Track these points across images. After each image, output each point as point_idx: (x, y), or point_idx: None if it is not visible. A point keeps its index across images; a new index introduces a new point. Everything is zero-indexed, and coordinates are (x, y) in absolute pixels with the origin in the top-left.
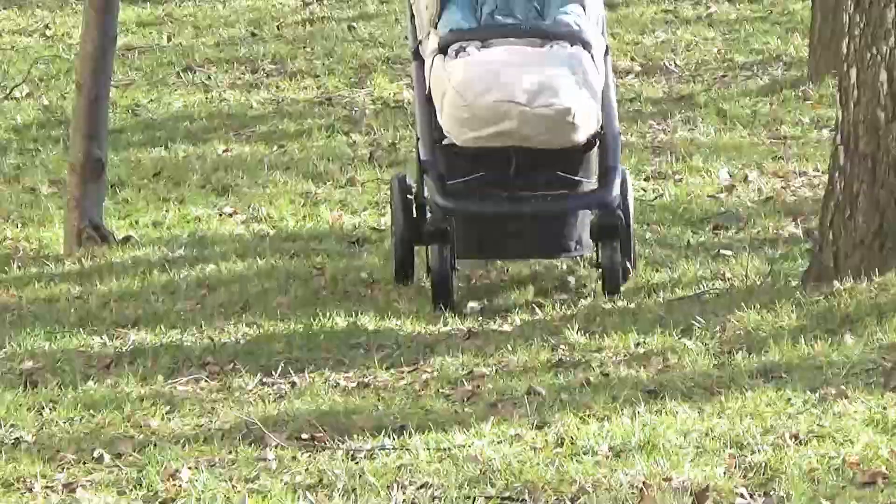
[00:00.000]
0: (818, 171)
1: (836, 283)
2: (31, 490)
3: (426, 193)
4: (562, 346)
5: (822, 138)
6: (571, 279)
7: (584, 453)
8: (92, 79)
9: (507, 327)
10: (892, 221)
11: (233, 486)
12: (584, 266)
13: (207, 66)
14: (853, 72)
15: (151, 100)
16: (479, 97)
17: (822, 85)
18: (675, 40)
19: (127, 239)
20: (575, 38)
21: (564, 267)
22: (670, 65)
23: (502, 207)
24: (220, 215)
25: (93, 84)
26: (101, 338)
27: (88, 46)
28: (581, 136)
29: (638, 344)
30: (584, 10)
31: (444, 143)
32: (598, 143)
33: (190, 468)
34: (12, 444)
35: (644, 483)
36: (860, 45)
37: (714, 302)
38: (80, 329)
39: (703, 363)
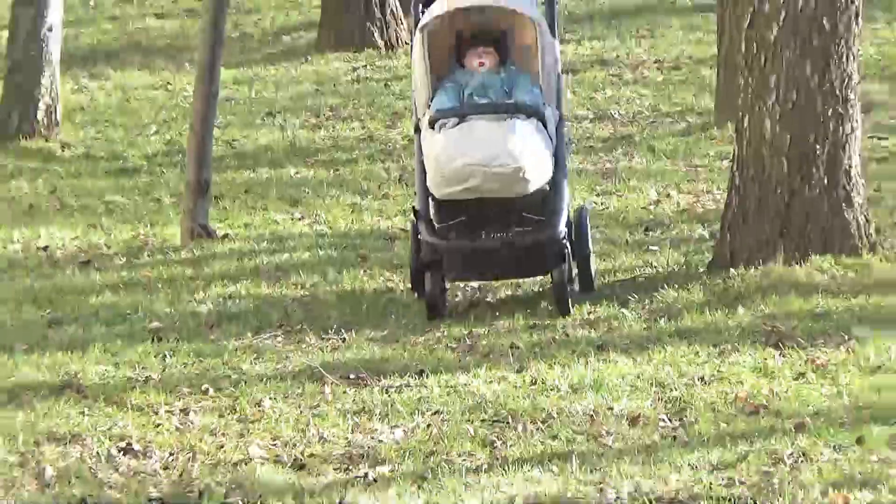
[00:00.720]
0: (720, 189)
1: (732, 271)
2: (156, 413)
3: (419, 234)
4: (536, 315)
5: (723, 167)
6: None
7: (551, 390)
8: (201, 121)
9: (496, 302)
10: (772, 227)
11: (300, 411)
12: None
13: (284, 112)
14: (746, 119)
15: (243, 136)
16: (451, 162)
17: (723, 129)
18: (618, 96)
19: (225, 236)
20: (532, 112)
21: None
22: (615, 113)
23: (475, 243)
24: (292, 219)
25: (201, 125)
26: (207, 305)
27: (198, 97)
28: (532, 187)
29: (590, 312)
30: (542, 91)
31: (432, 195)
32: (549, 191)
33: (270, 399)
34: (143, 380)
35: (594, 411)
36: (750, 100)
37: (644, 283)
38: (193, 299)
39: (636, 327)
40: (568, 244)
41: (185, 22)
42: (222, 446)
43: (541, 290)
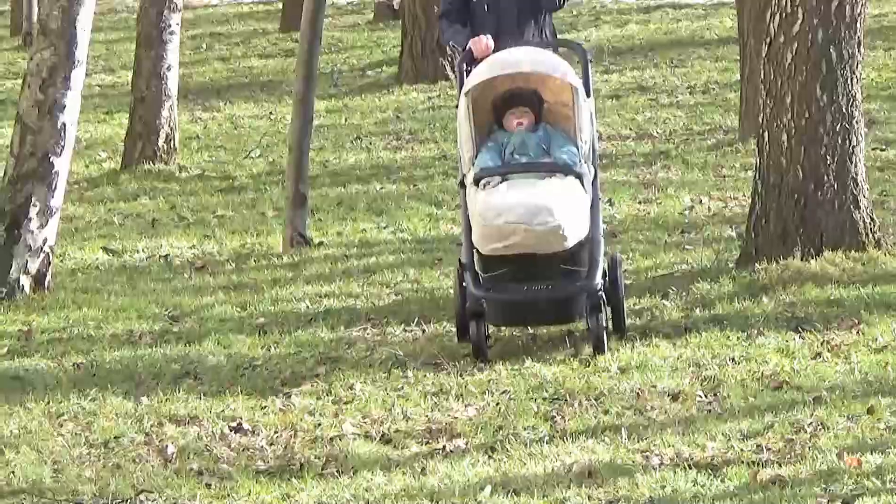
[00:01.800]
0: (745, 196)
1: (757, 265)
2: (263, 397)
3: (465, 285)
4: None
5: (747, 176)
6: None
7: (602, 371)
8: (298, 144)
9: None
10: (790, 227)
11: (387, 393)
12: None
13: (369, 136)
14: (766, 135)
15: (335, 157)
16: (494, 220)
17: (747, 143)
18: (656, 117)
19: (321, 243)
20: (569, 171)
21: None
22: (653, 132)
23: (516, 295)
24: (378, 228)
25: (299, 148)
26: (305, 303)
27: (296, 124)
28: (570, 243)
29: (635, 304)
30: (578, 150)
31: (478, 250)
32: (586, 245)
33: (360, 382)
34: (251, 368)
35: (640, 389)
36: (769, 118)
37: (681, 277)
38: (293, 298)
39: (675, 315)
40: (603, 294)
41: (284, 61)
42: (319, 424)
43: None
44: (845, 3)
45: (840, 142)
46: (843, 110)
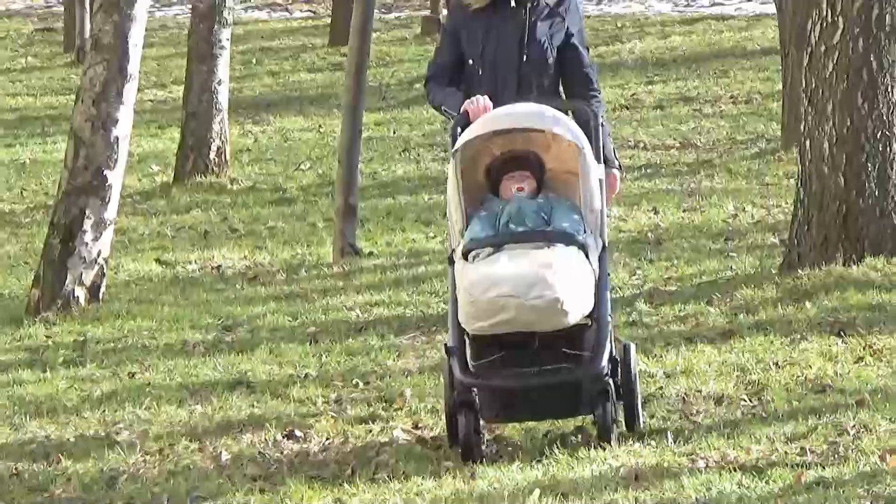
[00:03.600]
0: (787, 203)
1: (799, 271)
2: (314, 404)
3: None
4: (634, 314)
5: (790, 184)
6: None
7: (649, 376)
8: (347, 156)
9: None
10: (833, 233)
11: (436, 399)
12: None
13: (417, 148)
14: (807, 143)
15: (384, 169)
16: (483, 294)
17: (789, 152)
18: (700, 127)
19: (370, 253)
20: (571, 240)
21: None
22: (697, 142)
23: (510, 382)
24: (426, 237)
25: (348, 160)
26: (356, 311)
27: (345, 137)
28: (571, 320)
29: (680, 310)
30: (583, 219)
31: (466, 331)
32: (591, 325)
33: (410, 389)
34: (303, 377)
35: (685, 393)
36: (811, 127)
37: (725, 284)
38: (343, 307)
39: (720, 321)
40: (611, 381)
41: (333, 74)
42: (370, 431)
43: (638, 291)
44: (885, 12)
45: (881, 149)
46: (884, 118)
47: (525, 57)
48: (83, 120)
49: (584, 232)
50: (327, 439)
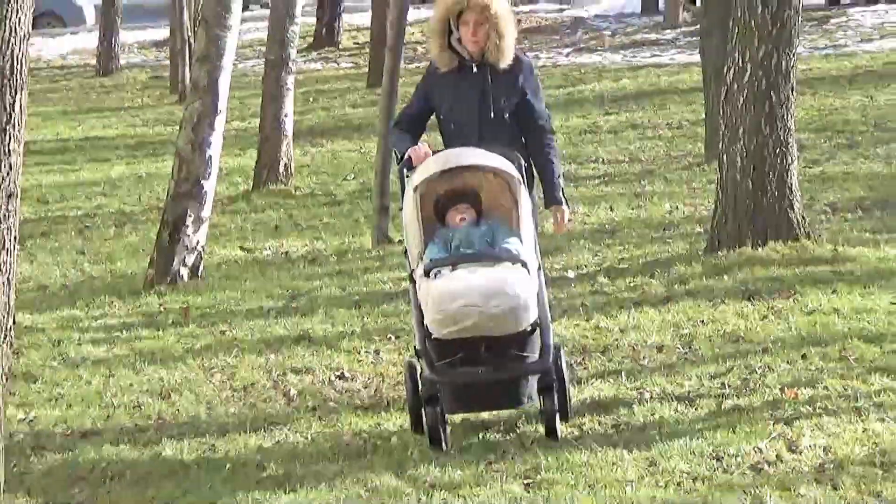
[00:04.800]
0: (709, 203)
1: (719, 253)
2: (359, 353)
3: (419, 370)
4: (596, 285)
5: (711, 188)
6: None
7: (608, 331)
8: (381, 169)
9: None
10: (743, 224)
11: None
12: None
13: None
14: (724, 157)
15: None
16: (451, 303)
17: (711, 164)
18: (643, 146)
19: (399, 241)
20: (515, 259)
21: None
22: (642, 157)
23: (470, 377)
24: None
25: (381, 171)
26: (389, 284)
27: (379, 155)
28: (523, 325)
29: (630, 282)
30: (521, 241)
31: (431, 336)
32: (535, 330)
33: None
34: (350, 333)
35: (635, 344)
36: (727, 145)
37: (664, 262)
38: (380, 280)
39: (660, 290)
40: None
41: (370, 109)
42: (401, 373)
43: (598, 268)
44: (781, 60)
45: (779, 162)
46: (781, 139)
47: (485, 113)
48: (185, 143)
49: (523, 252)
50: (369, 379)
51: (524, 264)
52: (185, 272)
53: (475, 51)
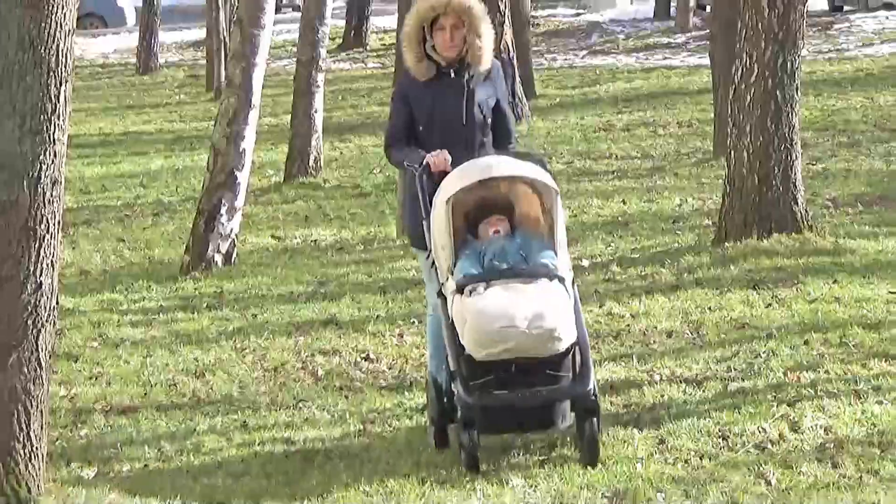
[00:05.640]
0: (717, 196)
1: (726, 244)
2: (384, 336)
3: (454, 390)
4: (609, 274)
5: (719, 183)
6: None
7: (620, 317)
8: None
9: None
10: (750, 218)
11: None
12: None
13: None
14: (732, 154)
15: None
16: (489, 325)
17: (719, 160)
18: (656, 144)
19: (407, 242)
20: (551, 275)
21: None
22: (654, 154)
23: (507, 400)
24: None
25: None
26: (412, 272)
27: None
28: (563, 346)
29: (641, 271)
30: (556, 254)
31: (465, 355)
32: (571, 350)
33: None
34: (375, 317)
35: (645, 329)
36: (734, 142)
37: (674, 252)
38: (403, 268)
39: (670, 278)
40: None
41: None
42: (422, 354)
43: (612, 258)
44: (787, 62)
45: (784, 158)
46: (786, 136)
47: (467, 119)
48: (220, 137)
49: (558, 266)
50: (393, 360)
51: (561, 280)
52: (219, 259)
53: (452, 56)
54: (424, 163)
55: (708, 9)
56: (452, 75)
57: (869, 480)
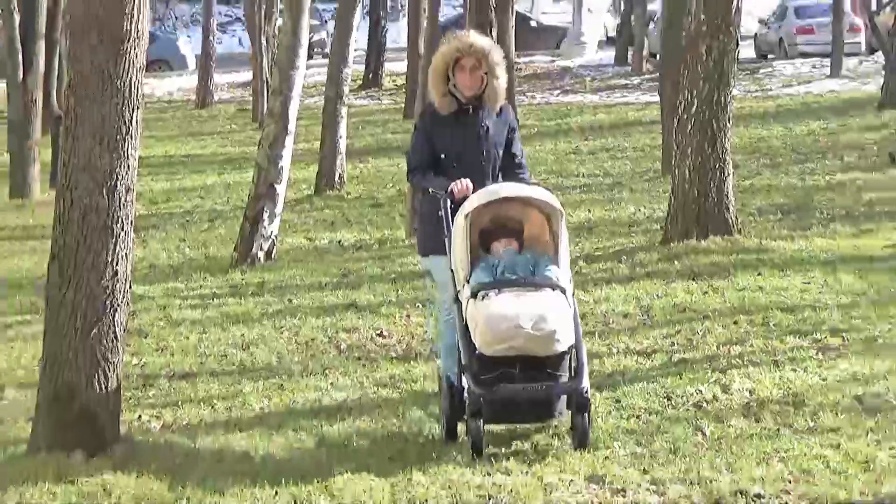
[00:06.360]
0: (664, 207)
1: (671, 244)
2: (395, 316)
3: (464, 383)
4: (576, 268)
5: (666, 196)
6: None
7: (585, 303)
8: None
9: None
10: (690, 222)
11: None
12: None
13: None
14: (676, 172)
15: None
16: (501, 324)
17: (666, 177)
18: (615, 165)
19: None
20: (554, 286)
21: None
22: (612, 172)
23: (511, 393)
24: None
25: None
26: (419, 265)
27: None
28: (562, 347)
29: (603, 266)
30: (560, 267)
31: (476, 353)
32: (569, 351)
33: None
34: (388, 301)
35: (605, 313)
36: (678, 162)
37: (629, 251)
38: (412, 263)
39: (625, 272)
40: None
41: (406, 135)
42: (426, 331)
43: (579, 255)
44: (721, 97)
45: (718, 175)
46: (720, 158)
47: (486, 151)
48: (263, 157)
49: (561, 278)
50: (402, 336)
51: (563, 290)
52: (261, 255)
53: (471, 94)
54: (448, 190)
55: (658, 56)
56: (471, 111)
57: (785, 432)
